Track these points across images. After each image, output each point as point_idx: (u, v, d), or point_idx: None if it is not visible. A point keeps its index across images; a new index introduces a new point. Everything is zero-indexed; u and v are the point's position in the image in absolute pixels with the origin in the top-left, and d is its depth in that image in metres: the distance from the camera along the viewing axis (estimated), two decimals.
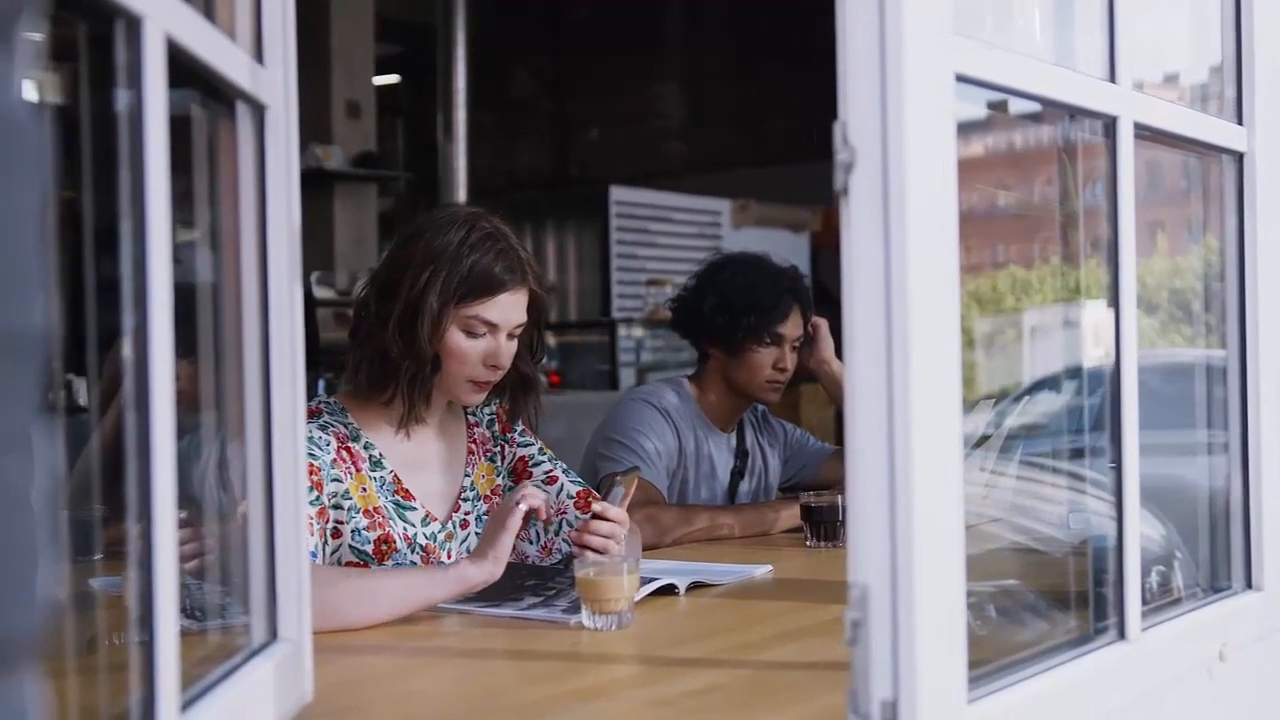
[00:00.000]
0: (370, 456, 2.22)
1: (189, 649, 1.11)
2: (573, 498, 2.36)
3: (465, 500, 2.33)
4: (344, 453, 2.18)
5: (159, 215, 1.01)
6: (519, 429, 2.45)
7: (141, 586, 1.01)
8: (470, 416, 2.41)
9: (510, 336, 2.25)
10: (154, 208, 1.01)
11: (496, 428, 2.43)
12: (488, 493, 2.37)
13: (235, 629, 1.39)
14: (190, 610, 1.31)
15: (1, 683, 0.54)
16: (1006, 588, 1.71)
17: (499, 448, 2.42)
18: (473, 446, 2.38)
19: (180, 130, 1.10)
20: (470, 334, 2.20)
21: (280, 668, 1.34)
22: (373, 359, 2.21)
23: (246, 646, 1.34)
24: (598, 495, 2.37)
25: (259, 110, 1.35)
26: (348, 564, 2.15)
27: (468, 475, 2.35)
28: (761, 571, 2.36)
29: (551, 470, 2.42)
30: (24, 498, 0.56)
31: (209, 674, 1.23)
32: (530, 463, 2.42)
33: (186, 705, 1.10)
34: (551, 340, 7.66)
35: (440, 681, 1.67)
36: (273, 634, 1.38)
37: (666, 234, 8.27)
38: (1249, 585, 1.81)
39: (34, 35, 0.60)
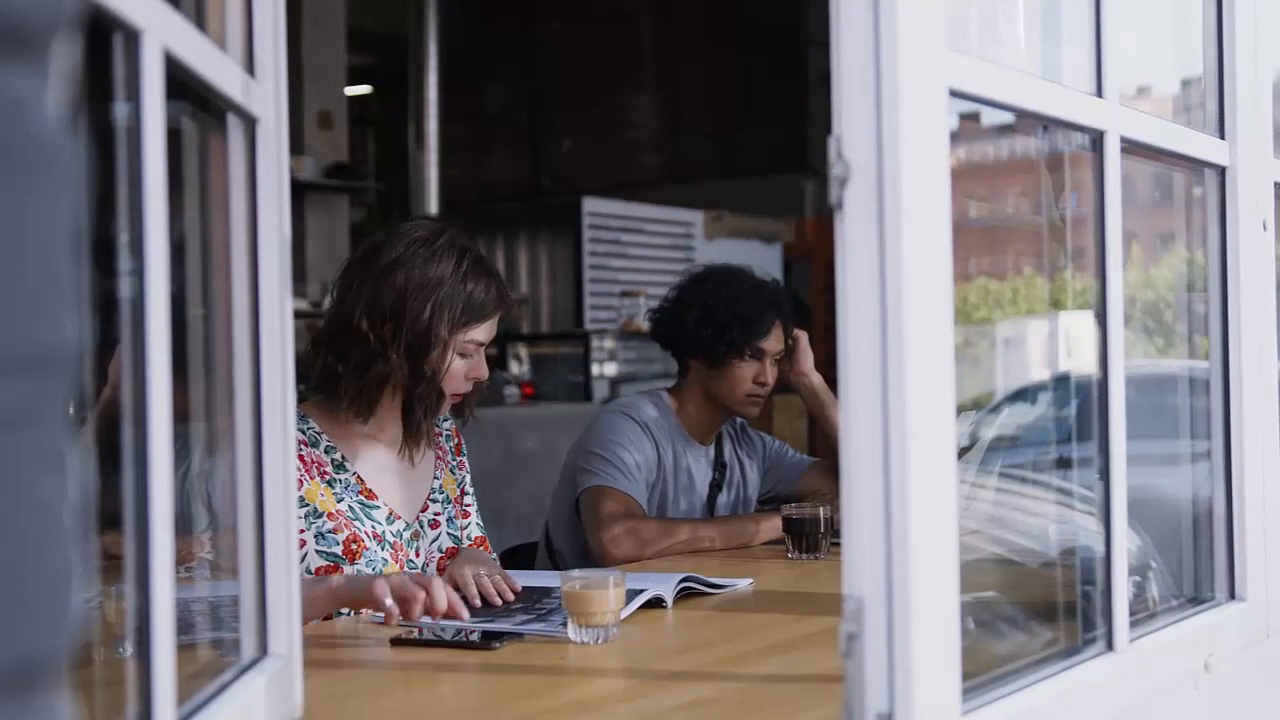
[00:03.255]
0: (333, 460, 2.27)
1: (178, 664, 1.10)
2: (471, 540, 2.44)
3: (435, 501, 2.41)
4: (297, 460, 2.19)
5: (157, 227, 1.01)
6: (464, 454, 2.55)
7: (139, 602, 1.00)
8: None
9: (487, 350, 2.35)
10: (152, 219, 1.00)
11: (452, 445, 2.51)
12: (454, 497, 2.46)
13: (224, 643, 1.39)
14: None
15: (38, 699, 0.54)
16: (988, 600, 1.71)
17: (456, 462, 2.51)
18: (440, 453, 2.46)
19: (171, 142, 1.10)
20: (462, 355, 2.29)
21: (271, 683, 1.33)
22: (374, 384, 2.25)
23: (237, 662, 1.34)
24: (489, 546, 2.49)
25: (250, 123, 1.34)
26: (317, 570, 2.16)
27: (437, 478, 2.43)
28: (744, 584, 2.36)
29: (470, 506, 2.52)
30: (58, 515, 0.56)
31: (201, 689, 1.22)
32: (464, 489, 2.52)
33: None
34: (524, 352, 7.65)
35: (429, 697, 1.66)
36: (263, 649, 1.37)
37: (640, 245, 8.27)
38: (1232, 596, 1.83)
39: (68, 51, 0.59)
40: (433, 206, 8.55)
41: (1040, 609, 1.75)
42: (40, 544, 0.54)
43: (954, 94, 1.25)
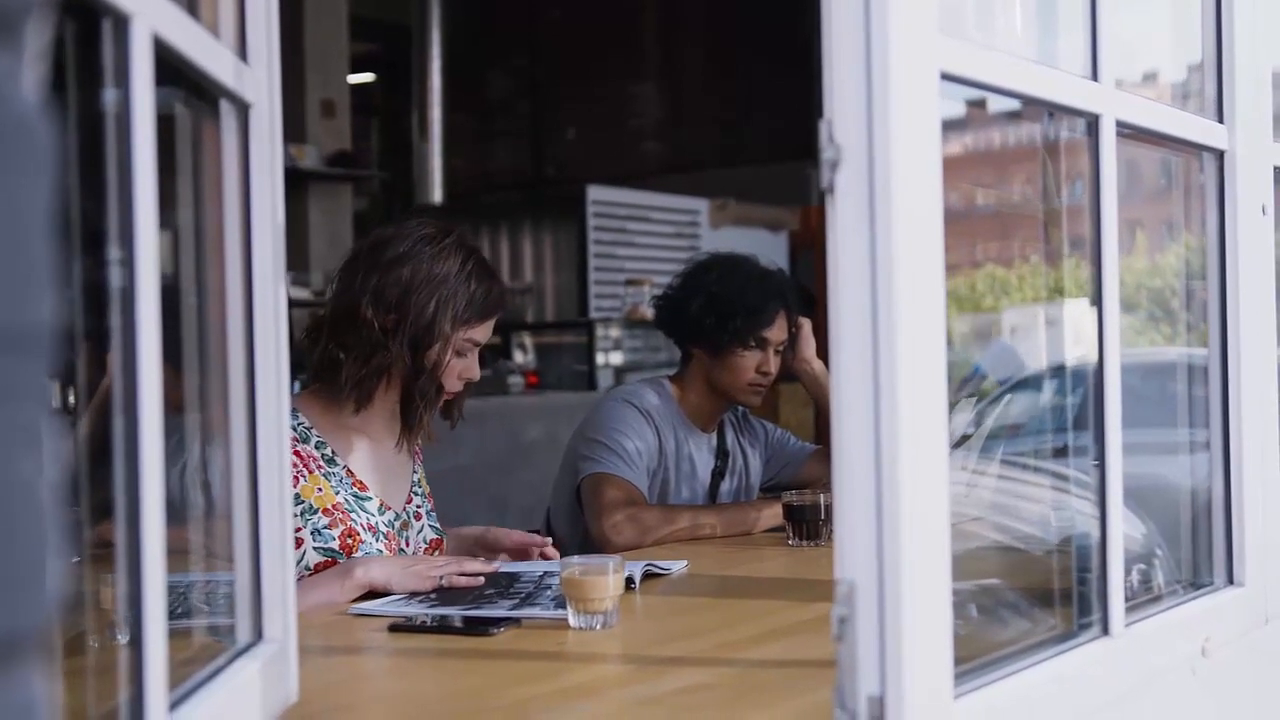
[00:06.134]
0: (323, 454, 2.29)
1: (173, 649, 1.10)
2: (426, 543, 2.45)
3: (416, 494, 2.45)
4: (293, 456, 2.21)
5: (147, 215, 1.01)
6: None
7: (130, 589, 1.01)
8: None
9: (482, 350, 2.38)
10: (142, 207, 1.00)
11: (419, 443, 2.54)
12: (428, 492, 2.51)
13: (220, 629, 1.39)
14: (174, 610, 1.31)
15: (12, 676, 0.55)
16: (991, 586, 1.72)
17: (423, 460, 2.55)
18: (417, 450, 2.49)
19: (162, 129, 1.10)
20: (459, 354, 2.32)
21: (266, 668, 1.34)
22: (374, 374, 2.28)
23: (232, 647, 1.34)
24: (442, 548, 2.50)
25: (243, 109, 1.34)
26: (317, 566, 2.18)
27: (415, 473, 2.47)
28: (679, 566, 2.36)
29: (429, 505, 2.52)
30: (35, 493, 0.56)
31: (195, 674, 1.22)
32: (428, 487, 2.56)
33: (173, 706, 1.10)
34: (528, 341, 7.65)
35: (426, 682, 1.66)
36: (258, 634, 1.37)
37: (644, 234, 8.26)
38: (1230, 581, 1.83)
39: (42, 32, 0.60)
40: (436, 196, 8.55)
41: (1039, 595, 1.75)
42: (15, 520, 0.55)
43: (946, 78, 1.24)
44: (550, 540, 2.48)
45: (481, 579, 2.14)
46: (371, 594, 2.09)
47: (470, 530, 2.54)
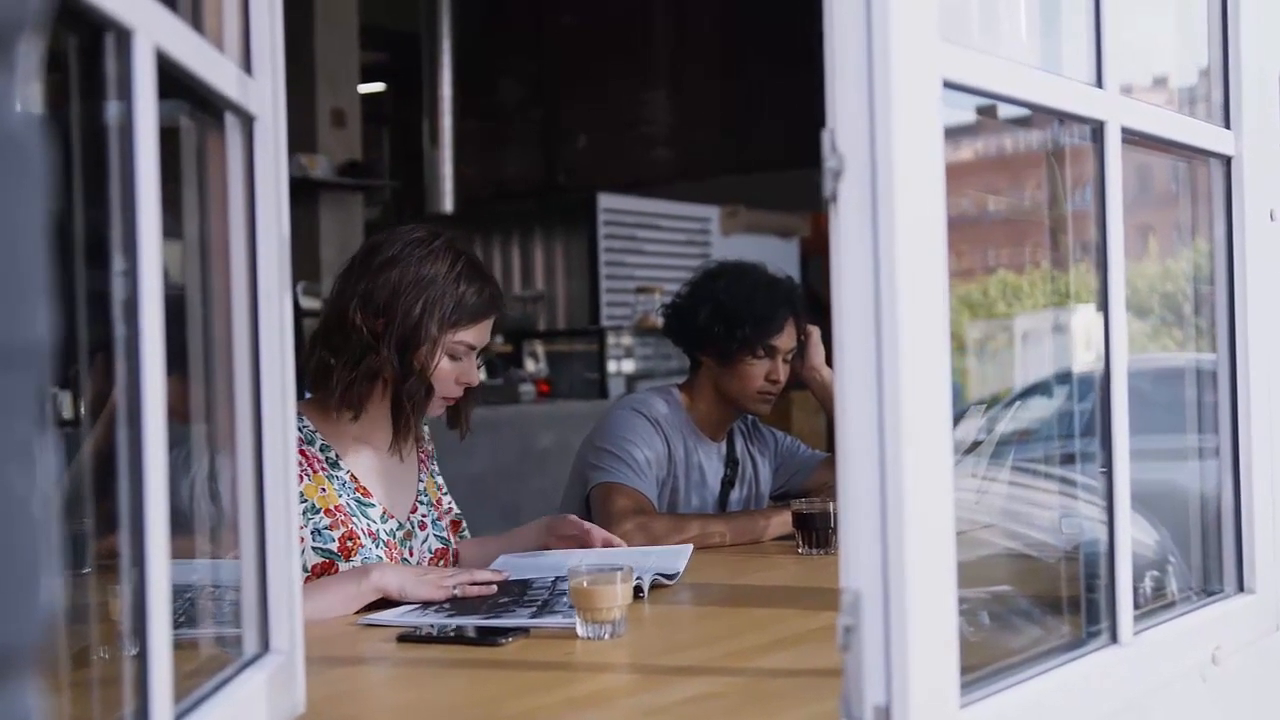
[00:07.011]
0: (327, 458, 2.30)
1: (180, 660, 1.11)
2: (431, 553, 2.45)
3: (422, 503, 2.45)
4: (298, 456, 2.22)
5: (149, 227, 1.01)
6: (434, 460, 2.57)
7: (135, 599, 1.01)
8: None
9: (479, 356, 2.37)
10: (144, 219, 1.01)
11: (431, 450, 2.55)
12: (436, 500, 2.50)
13: (226, 639, 1.39)
14: (180, 621, 1.31)
15: (6, 690, 0.55)
16: (1000, 593, 1.71)
17: (435, 465, 2.55)
18: (423, 457, 2.50)
19: (168, 141, 1.10)
20: (452, 357, 2.32)
21: (272, 679, 1.34)
22: (364, 378, 2.28)
23: (239, 658, 1.34)
24: (448, 558, 2.50)
25: (248, 121, 1.35)
26: (315, 567, 2.19)
27: (421, 481, 2.47)
28: (685, 555, 2.38)
29: (446, 496, 2.54)
30: (26, 507, 0.56)
31: (201, 685, 1.22)
32: (441, 490, 2.55)
33: (179, 717, 1.10)
34: (540, 349, 7.65)
35: (434, 692, 1.66)
36: (265, 645, 1.37)
37: (655, 241, 8.26)
38: (1240, 588, 1.82)
39: (35, 49, 0.60)
40: (447, 204, 8.55)
41: (1049, 602, 1.74)
42: (8, 535, 0.55)
43: (948, 85, 1.24)
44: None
45: (494, 588, 2.15)
46: (382, 602, 2.09)
47: (537, 523, 2.56)
